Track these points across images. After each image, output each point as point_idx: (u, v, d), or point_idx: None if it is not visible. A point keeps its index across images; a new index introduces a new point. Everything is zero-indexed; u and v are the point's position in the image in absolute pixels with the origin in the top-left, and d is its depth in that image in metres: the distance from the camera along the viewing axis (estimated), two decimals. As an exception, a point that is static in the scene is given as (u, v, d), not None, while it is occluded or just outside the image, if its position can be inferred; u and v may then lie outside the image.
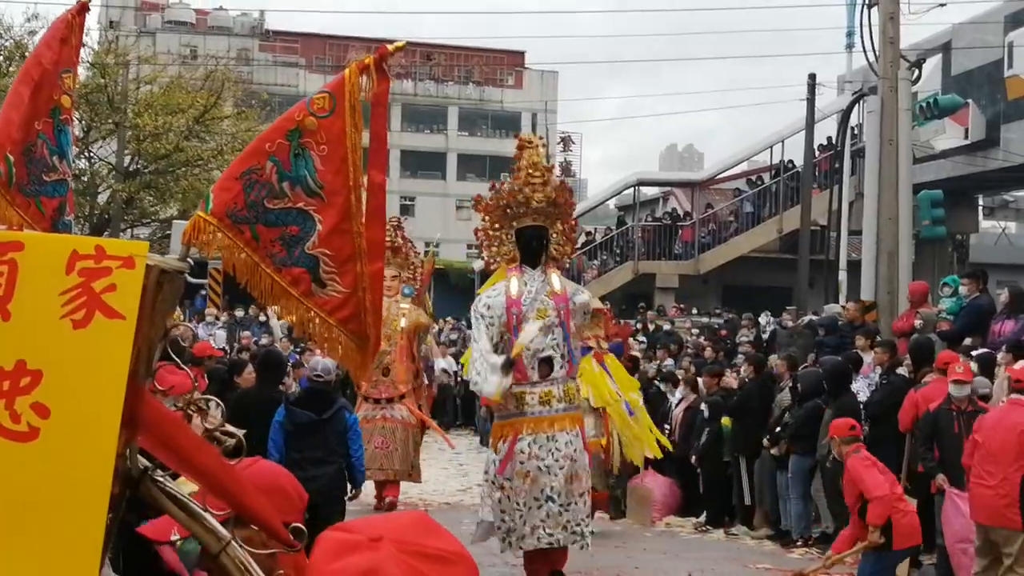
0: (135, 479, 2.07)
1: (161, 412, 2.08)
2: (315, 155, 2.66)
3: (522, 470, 7.70)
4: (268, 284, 2.68)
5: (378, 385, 10.42)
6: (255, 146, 2.72)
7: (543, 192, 8.04)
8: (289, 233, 2.66)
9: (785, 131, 27.71)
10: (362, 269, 2.72)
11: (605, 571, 7.70)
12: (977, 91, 22.96)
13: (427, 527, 1.53)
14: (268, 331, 20.01)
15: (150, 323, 1.96)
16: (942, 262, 24.70)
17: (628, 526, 11.86)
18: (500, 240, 8.17)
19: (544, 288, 8.01)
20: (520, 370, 7.80)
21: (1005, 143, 22.14)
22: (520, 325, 7.80)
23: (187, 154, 25.91)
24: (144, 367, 1.99)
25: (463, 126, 52.78)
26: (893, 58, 14.84)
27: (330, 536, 1.50)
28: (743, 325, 18.78)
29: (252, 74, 40.44)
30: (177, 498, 2.13)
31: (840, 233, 21.15)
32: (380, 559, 1.44)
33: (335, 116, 2.68)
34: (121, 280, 1.89)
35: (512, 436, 7.81)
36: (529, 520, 7.67)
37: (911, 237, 16.83)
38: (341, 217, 2.69)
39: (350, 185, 2.69)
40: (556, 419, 7.89)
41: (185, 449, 2.09)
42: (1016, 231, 35.42)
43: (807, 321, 15.20)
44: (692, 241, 28.15)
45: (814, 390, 10.75)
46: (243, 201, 2.63)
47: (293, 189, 2.66)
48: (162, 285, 1.97)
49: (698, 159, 70.86)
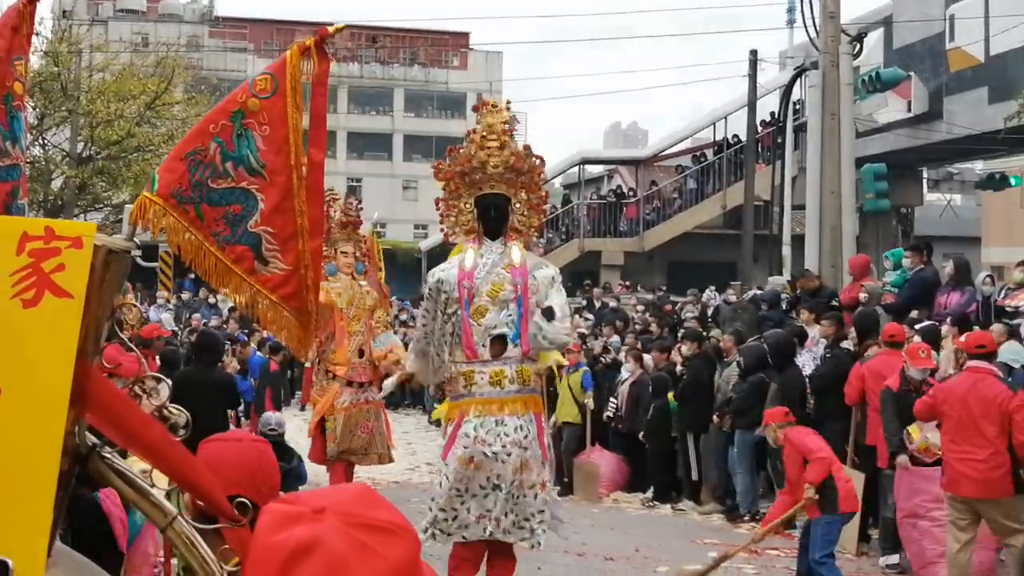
0: (84, 455, 2.10)
1: (109, 390, 2.11)
2: (257, 135, 2.70)
3: (465, 455, 7.06)
4: (212, 263, 2.72)
5: (356, 368, 10.03)
6: (200, 127, 2.76)
7: (500, 157, 7.46)
8: (232, 212, 2.70)
9: (728, 107, 27.94)
10: (304, 247, 2.77)
11: (552, 547, 7.54)
12: (919, 64, 23.11)
13: (371, 499, 1.55)
14: (217, 313, 19.92)
15: (98, 302, 1.99)
16: (886, 235, 24.99)
17: (575, 502, 11.95)
18: (458, 209, 7.62)
19: (502, 261, 7.40)
20: (470, 347, 7.27)
21: (948, 115, 22.33)
22: (472, 300, 7.29)
23: (139, 140, 26.14)
24: (92, 345, 2.02)
25: (409, 107, 52.63)
26: (834, 33, 14.98)
27: (273, 508, 1.52)
28: (688, 301, 18.96)
29: (202, 60, 40.30)
30: (124, 474, 2.17)
31: (783, 208, 21.39)
32: (323, 530, 1.46)
33: (277, 97, 2.72)
34: (70, 260, 1.93)
35: (458, 418, 7.21)
36: (475, 508, 7.03)
37: (854, 211, 17.01)
38: (283, 196, 2.73)
39: (291, 164, 2.74)
40: (507, 401, 7.24)
41: (132, 426, 2.13)
42: (961, 203, 36.00)
43: (751, 296, 15.37)
44: (637, 218, 28.33)
45: (758, 365, 10.90)
46: (188, 181, 2.67)
47: (236, 169, 2.70)
48: (110, 264, 2.01)
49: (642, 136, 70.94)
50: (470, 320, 7.31)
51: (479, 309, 7.32)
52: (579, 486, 12.36)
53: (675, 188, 28.96)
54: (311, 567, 1.42)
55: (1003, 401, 7.35)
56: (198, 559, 2.09)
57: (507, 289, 7.33)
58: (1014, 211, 28.23)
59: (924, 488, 8.29)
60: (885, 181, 18.31)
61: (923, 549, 8.36)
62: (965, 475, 7.37)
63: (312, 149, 2.80)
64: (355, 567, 1.43)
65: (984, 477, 7.31)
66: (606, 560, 8.98)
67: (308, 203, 2.78)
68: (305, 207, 2.77)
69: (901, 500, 8.50)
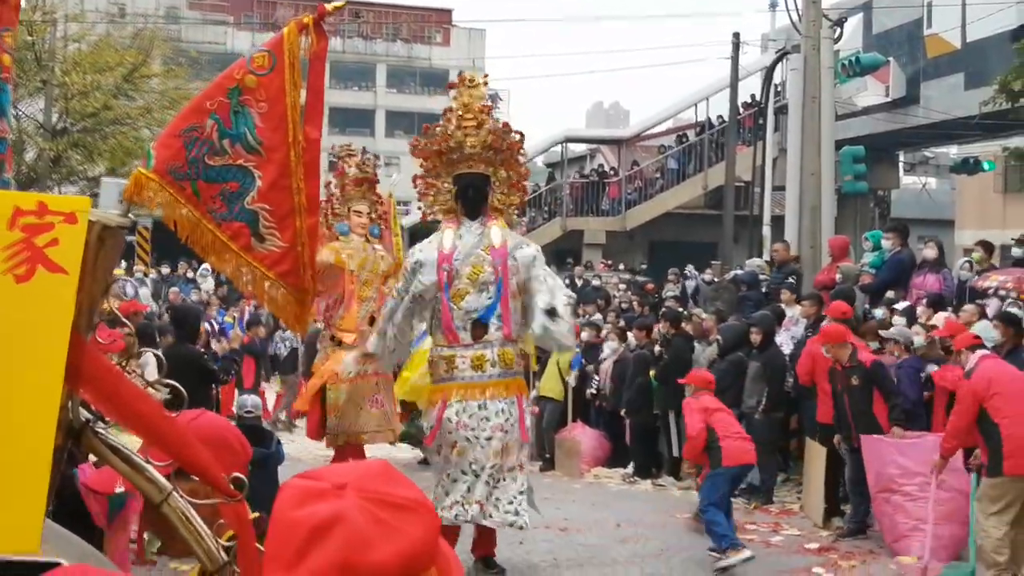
0: (77, 430, 2.11)
1: (103, 365, 2.11)
2: (255, 112, 2.69)
3: (449, 440, 7.10)
4: (209, 239, 2.71)
5: (366, 336, 9.14)
6: (196, 104, 2.74)
7: (476, 137, 7.33)
8: (229, 189, 2.69)
9: (710, 88, 27.97)
10: (301, 224, 2.76)
11: (533, 523, 7.61)
12: (898, 49, 23.36)
13: (391, 476, 1.56)
14: (196, 287, 19.82)
15: (92, 278, 1.99)
16: (863, 217, 25.20)
17: (557, 478, 12.02)
18: (436, 188, 7.49)
19: (481, 242, 7.32)
20: (451, 331, 7.21)
21: (925, 100, 22.58)
22: (452, 283, 7.19)
23: (115, 112, 25.69)
24: (86, 321, 2.02)
25: (391, 83, 52.37)
26: (815, 17, 15.05)
27: (294, 484, 1.53)
28: (669, 280, 19.05)
29: (180, 32, 39.82)
30: (119, 450, 2.17)
31: (764, 189, 21.48)
32: (344, 506, 1.46)
33: (275, 73, 2.71)
34: (64, 235, 1.92)
35: (441, 403, 7.19)
36: (452, 493, 7.08)
37: (833, 192, 17.16)
38: (280, 173, 2.72)
39: (289, 141, 2.73)
40: (489, 385, 7.24)
41: (126, 401, 2.12)
42: (936, 186, 36.27)
43: (732, 276, 15.46)
44: (619, 197, 28.37)
45: (736, 343, 10.99)
46: (184, 158, 2.65)
47: (233, 146, 2.69)
48: (104, 240, 2.00)
49: (624, 116, 71.06)
50: (450, 303, 7.22)
51: (459, 292, 7.23)
52: (561, 462, 12.43)
53: (657, 168, 29.00)
54: (333, 543, 1.43)
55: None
56: (193, 535, 2.09)
57: (487, 271, 7.25)
58: (987, 195, 28.53)
59: (895, 461, 8.41)
60: (863, 164, 18.48)
61: (895, 523, 8.48)
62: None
63: (308, 127, 2.79)
64: (376, 543, 1.44)
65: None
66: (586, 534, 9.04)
67: (305, 180, 2.77)
68: (303, 184, 2.76)
69: (873, 475, 8.62)
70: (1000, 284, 10.12)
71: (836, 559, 8.42)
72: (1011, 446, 7.29)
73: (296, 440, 12.73)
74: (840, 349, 8.87)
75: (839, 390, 8.92)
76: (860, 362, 8.85)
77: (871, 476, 8.63)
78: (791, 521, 9.76)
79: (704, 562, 8.26)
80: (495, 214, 7.53)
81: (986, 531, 7.40)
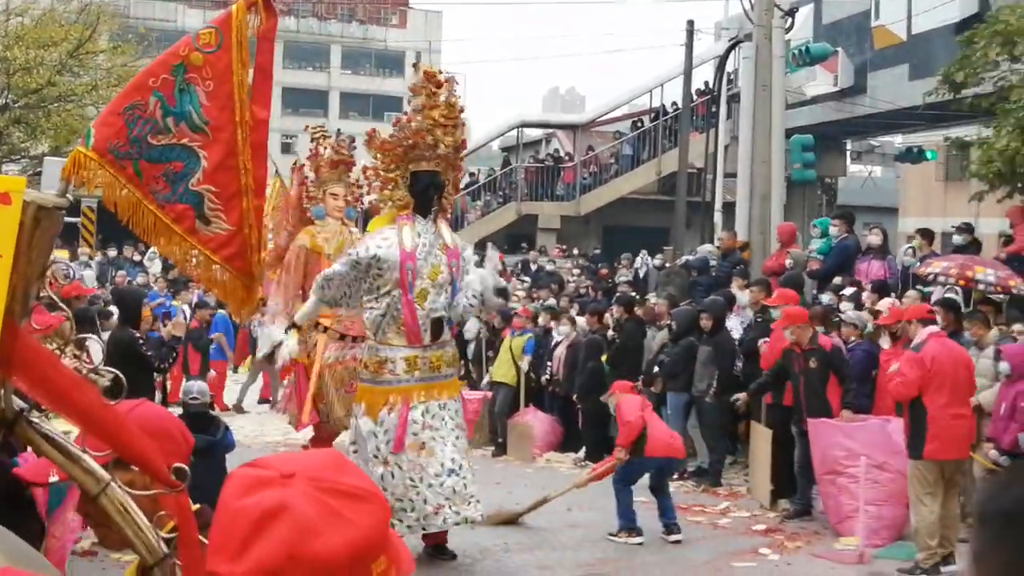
0: (10, 420, 2.02)
1: (37, 351, 2.03)
2: (201, 91, 2.61)
3: (416, 442, 7.03)
4: (151, 221, 2.63)
5: (344, 321, 9.16)
6: (138, 81, 2.65)
7: (453, 136, 7.36)
8: (173, 169, 2.60)
9: (665, 75, 28.06)
10: (248, 205, 2.68)
11: (485, 507, 7.65)
12: (846, 40, 23.65)
13: (342, 465, 1.53)
14: (143, 271, 19.49)
15: (27, 261, 1.90)
16: (811, 204, 25.48)
17: (509, 462, 12.03)
18: (395, 183, 7.42)
19: (437, 241, 7.34)
20: (413, 332, 7.16)
21: (872, 90, 22.90)
22: (415, 282, 7.14)
23: (60, 89, 24.84)
24: (20, 306, 1.93)
25: (346, 64, 51.82)
26: (768, 6, 15.16)
27: (241, 472, 1.48)
28: (621, 264, 19.12)
29: (129, 8, 38.91)
30: (54, 439, 2.09)
31: (716, 175, 21.62)
32: (292, 495, 1.43)
33: (222, 51, 2.63)
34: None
35: (403, 405, 7.10)
36: (432, 499, 7.02)
37: (783, 180, 17.34)
38: (227, 153, 2.64)
39: (236, 121, 2.64)
40: (446, 386, 7.32)
41: (62, 388, 2.04)
42: (881, 175, 36.78)
43: (683, 261, 15.56)
44: (574, 182, 28.39)
45: (688, 328, 11.08)
46: (126, 137, 2.56)
47: (178, 125, 2.60)
48: (39, 222, 1.91)
49: (580, 102, 71.17)
50: (415, 303, 7.18)
51: (422, 292, 7.21)
52: (513, 446, 12.45)
53: (612, 154, 29.05)
54: (279, 532, 1.39)
55: (967, 364, 7.78)
56: (132, 527, 2.03)
57: (444, 272, 7.30)
58: (930, 184, 29.03)
59: (840, 444, 8.53)
60: (812, 152, 18.70)
61: (840, 505, 8.63)
62: (953, 437, 7.58)
63: (255, 106, 2.70)
64: (324, 532, 1.40)
65: (964, 438, 7.67)
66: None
67: (252, 161, 2.69)
68: (250, 164, 2.67)
69: (819, 457, 8.74)
70: (943, 271, 10.29)
71: (782, 540, 8.56)
72: (935, 430, 7.47)
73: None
74: (802, 331, 9.01)
75: (795, 372, 9.01)
76: (820, 346, 8.97)
77: (816, 458, 8.77)
78: (739, 504, 9.88)
79: (652, 545, 8.34)
80: (442, 213, 7.57)
81: (920, 513, 7.56)
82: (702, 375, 10.67)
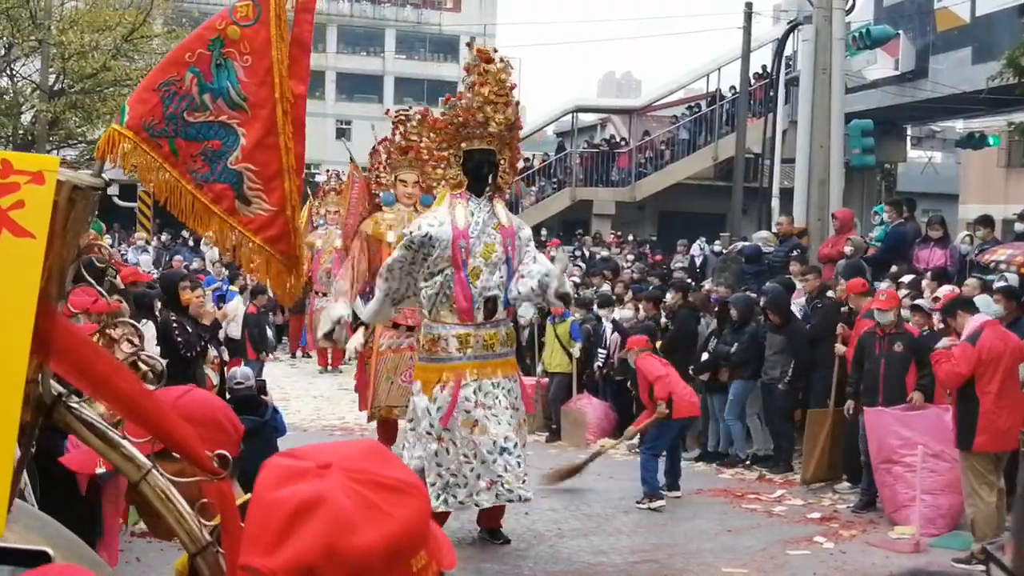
0: (48, 405, 1.98)
1: (75, 336, 1.98)
2: (238, 65, 2.52)
3: (469, 419, 7.03)
4: (189, 202, 2.55)
5: (403, 309, 8.90)
6: (174, 56, 2.57)
7: (504, 114, 7.26)
8: (211, 148, 2.51)
9: (722, 59, 27.70)
10: (290, 186, 2.59)
11: (538, 493, 7.66)
12: (908, 22, 23.14)
13: (380, 455, 1.47)
14: (200, 255, 19.67)
15: (62, 242, 1.85)
16: (870, 191, 25.06)
17: (562, 448, 11.99)
18: (448, 162, 7.38)
19: (491, 220, 7.28)
20: (465, 310, 7.14)
21: (933, 74, 22.39)
22: (468, 260, 7.10)
23: (115, 73, 24.93)
24: (56, 288, 1.88)
25: (400, 49, 51.80)
26: (828, -12, 14.87)
27: (276, 463, 1.43)
28: (677, 251, 18.95)
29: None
30: (94, 425, 2.04)
31: (773, 161, 21.31)
32: (328, 487, 1.37)
33: (260, 25, 2.53)
34: (30, 196, 1.77)
35: (455, 382, 7.10)
36: (485, 474, 7.02)
37: (842, 165, 17.06)
38: (266, 131, 2.55)
39: (275, 97, 2.55)
40: (500, 364, 7.27)
41: (101, 374, 1.99)
42: (941, 161, 36.07)
43: (739, 248, 15.38)
44: (629, 168, 28.18)
45: (748, 316, 10.95)
46: (161, 114, 2.48)
47: (215, 101, 2.52)
48: (74, 202, 1.85)
49: (635, 86, 70.66)
50: (468, 281, 7.17)
51: (475, 271, 7.19)
52: (567, 432, 12.42)
53: (667, 138, 28.77)
54: (315, 526, 1.33)
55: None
56: (175, 514, 1.98)
57: (498, 251, 7.25)
58: (991, 170, 28.38)
59: (897, 432, 8.41)
60: (871, 137, 18.35)
61: (896, 494, 8.51)
62: (1010, 427, 7.48)
63: (293, 81, 2.61)
64: (361, 526, 1.34)
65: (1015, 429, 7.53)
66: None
67: (293, 139, 2.59)
68: (291, 143, 2.58)
69: (875, 446, 8.63)
70: (1009, 258, 10.03)
71: (837, 528, 8.47)
72: (985, 423, 7.32)
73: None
74: (859, 299, 9.44)
75: (875, 355, 8.83)
76: (907, 331, 8.90)
77: (873, 447, 8.68)
78: (794, 491, 9.78)
79: (708, 531, 8.28)
80: (497, 193, 7.53)
81: (976, 505, 7.44)
82: (774, 363, 10.54)
